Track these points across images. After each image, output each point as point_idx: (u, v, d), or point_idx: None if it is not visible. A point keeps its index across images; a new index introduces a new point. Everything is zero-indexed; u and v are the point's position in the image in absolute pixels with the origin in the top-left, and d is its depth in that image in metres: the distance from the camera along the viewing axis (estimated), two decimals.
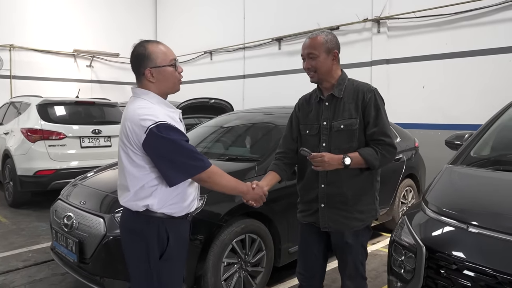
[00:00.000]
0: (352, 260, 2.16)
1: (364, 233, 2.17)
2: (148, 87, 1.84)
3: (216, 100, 7.44)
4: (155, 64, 1.81)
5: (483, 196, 2.24)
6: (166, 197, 1.80)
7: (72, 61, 11.38)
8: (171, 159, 1.73)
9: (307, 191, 2.22)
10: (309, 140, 2.19)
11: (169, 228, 1.82)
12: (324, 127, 2.13)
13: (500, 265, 1.71)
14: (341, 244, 2.16)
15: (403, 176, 4.83)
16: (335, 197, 2.11)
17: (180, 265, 1.93)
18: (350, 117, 2.07)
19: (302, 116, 2.27)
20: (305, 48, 2.12)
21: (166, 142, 1.71)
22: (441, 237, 2.01)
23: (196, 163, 1.77)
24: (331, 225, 2.14)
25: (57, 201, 3.31)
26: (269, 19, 9.51)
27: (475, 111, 6.11)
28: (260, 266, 3.14)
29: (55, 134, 5.80)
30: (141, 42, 1.88)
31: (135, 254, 1.86)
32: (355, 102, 2.09)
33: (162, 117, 1.73)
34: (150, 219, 1.80)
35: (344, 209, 2.11)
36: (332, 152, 2.06)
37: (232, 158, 3.56)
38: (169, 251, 1.82)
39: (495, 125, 2.84)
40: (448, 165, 2.62)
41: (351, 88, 2.14)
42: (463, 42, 6.37)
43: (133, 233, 1.85)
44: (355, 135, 2.07)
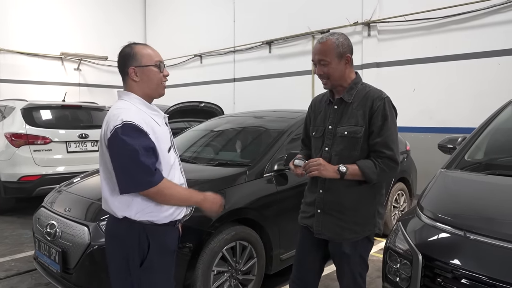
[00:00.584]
0: (350, 270, 2.06)
1: (363, 244, 2.06)
2: (131, 87, 1.82)
3: (206, 103, 7.36)
4: (140, 63, 1.80)
5: (479, 202, 2.20)
6: (144, 205, 1.75)
7: (59, 64, 11.21)
8: (123, 166, 1.68)
9: (309, 194, 2.17)
10: (314, 142, 2.15)
11: (150, 236, 1.77)
12: (329, 130, 2.06)
13: (498, 273, 1.66)
14: (338, 253, 2.08)
15: (394, 180, 4.79)
16: (332, 205, 2.04)
17: (164, 277, 1.84)
18: (356, 124, 1.98)
19: (313, 118, 2.21)
20: (316, 53, 2.01)
21: (123, 147, 1.65)
22: (438, 244, 1.96)
23: (144, 179, 1.67)
24: (324, 232, 2.07)
25: (40, 209, 3.19)
26: (260, 22, 9.48)
27: (465, 114, 6.13)
28: (251, 274, 3.06)
29: (40, 138, 5.65)
30: (129, 44, 1.88)
31: (116, 260, 1.82)
32: (363, 109, 1.98)
33: (131, 118, 1.68)
34: (131, 225, 1.76)
35: (340, 218, 2.02)
36: (333, 158, 2.01)
37: (222, 163, 3.48)
38: (150, 258, 1.76)
39: (489, 129, 2.81)
40: (443, 170, 2.58)
41: (362, 94, 2.03)
42: (452, 46, 6.40)
43: (115, 239, 1.82)
44: (358, 144, 1.97)
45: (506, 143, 2.83)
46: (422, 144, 6.25)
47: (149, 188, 1.69)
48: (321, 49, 1.99)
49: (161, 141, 1.77)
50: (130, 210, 1.74)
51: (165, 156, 1.79)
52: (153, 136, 1.73)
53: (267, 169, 3.24)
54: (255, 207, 3.04)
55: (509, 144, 2.82)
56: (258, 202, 3.06)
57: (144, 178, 1.68)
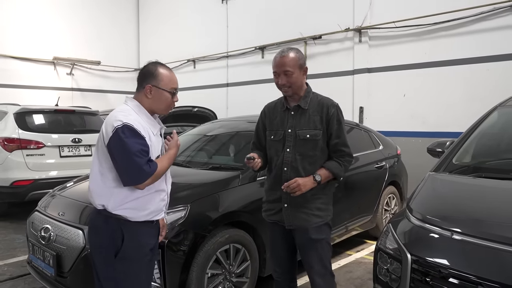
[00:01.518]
0: (319, 256, 2.31)
1: (325, 229, 2.34)
2: (142, 100, 1.99)
3: (200, 108, 7.42)
4: (158, 84, 1.97)
5: (467, 203, 2.26)
6: (122, 200, 1.89)
7: (52, 68, 11.16)
8: (124, 162, 1.83)
9: (272, 192, 2.39)
10: (273, 145, 2.37)
11: (125, 230, 1.91)
12: (289, 134, 2.30)
13: (485, 272, 1.71)
14: (305, 240, 2.31)
15: (386, 184, 4.87)
16: (297, 198, 2.26)
17: (140, 269, 1.96)
18: (315, 128, 2.27)
19: (268, 123, 2.44)
20: (281, 65, 2.25)
21: (123, 144, 1.80)
22: (426, 244, 2.01)
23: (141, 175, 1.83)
24: (295, 222, 2.31)
25: (34, 213, 3.20)
26: (253, 28, 9.55)
27: (455, 119, 6.23)
28: (244, 277, 3.09)
29: (33, 143, 5.64)
30: (155, 62, 2.05)
31: (94, 250, 2.00)
32: (319, 115, 2.28)
33: (131, 121, 1.85)
34: (108, 218, 1.91)
35: (305, 206, 2.29)
36: (297, 157, 2.27)
37: (216, 167, 3.51)
38: (124, 250, 1.90)
39: (476, 133, 2.89)
40: (431, 173, 2.64)
41: (315, 101, 2.33)
42: (442, 52, 6.51)
43: (93, 229, 2.00)
44: (318, 144, 2.27)
45: (492, 147, 2.91)
46: (413, 148, 6.34)
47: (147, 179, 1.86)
48: (285, 61, 2.24)
49: (152, 148, 1.93)
50: (108, 201, 1.89)
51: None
52: (149, 142, 1.90)
53: (260, 172, 3.29)
54: (249, 210, 3.08)
55: (496, 148, 2.90)
56: (251, 205, 3.10)
57: (143, 171, 1.83)
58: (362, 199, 4.49)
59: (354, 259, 4.33)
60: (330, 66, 7.95)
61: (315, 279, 2.34)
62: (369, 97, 7.46)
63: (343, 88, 7.66)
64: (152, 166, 1.87)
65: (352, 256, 4.42)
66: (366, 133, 5.05)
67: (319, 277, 2.32)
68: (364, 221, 4.54)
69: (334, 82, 7.81)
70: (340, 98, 8.00)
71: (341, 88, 7.68)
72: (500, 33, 5.96)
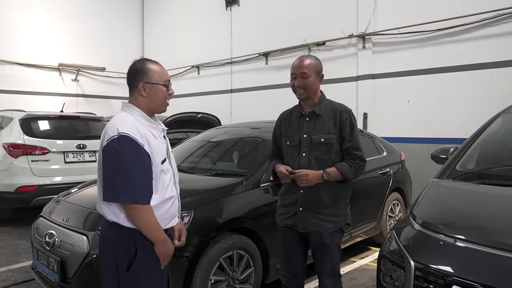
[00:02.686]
0: (330, 259, 2.38)
1: (338, 234, 2.42)
2: (137, 100, 1.91)
3: (204, 114, 7.44)
4: (150, 80, 1.90)
5: (470, 210, 2.26)
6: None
7: (57, 75, 11.26)
8: (112, 174, 1.76)
9: (287, 196, 2.44)
10: (289, 150, 2.44)
11: (138, 242, 1.83)
12: (304, 139, 2.38)
13: (488, 280, 1.70)
14: (320, 244, 2.37)
15: (390, 190, 4.85)
16: (313, 202, 2.34)
17: (153, 283, 1.89)
18: (329, 132, 2.35)
19: (284, 130, 2.51)
20: (299, 67, 2.36)
21: (116, 156, 1.73)
22: (429, 251, 2.00)
23: (127, 192, 1.74)
24: (308, 226, 2.36)
25: (39, 218, 3.22)
26: (256, 35, 9.60)
27: (460, 125, 6.21)
28: (248, 283, 3.09)
29: (38, 149, 5.68)
30: (141, 59, 1.97)
31: (106, 262, 1.88)
32: (333, 120, 2.37)
33: (128, 130, 1.76)
34: (121, 229, 1.82)
35: (321, 212, 2.34)
36: (312, 162, 2.34)
37: (219, 173, 3.52)
38: (136, 263, 1.82)
39: (480, 139, 2.88)
40: (435, 179, 2.64)
41: (329, 107, 2.41)
42: (446, 58, 6.51)
43: (106, 242, 1.90)
44: (333, 148, 2.35)
45: (496, 153, 2.90)
46: (417, 155, 6.32)
47: (129, 203, 1.75)
48: (304, 64, 2.36)
49: (155, 153, 1.84)
50: (118, 217, 1.81)
51: (158, 166, 1.85)
52: (148, 148, 1.81)
53: (264, 179, 3.30)
54: (252, 217, 3.08)
55: (499, 154, 2.89)
56: (255, 211, 3.11)
57: (127, 191, 1.74)
58: (366, 206, 4.48)
59: (358, 266, 4.31)
60: (334, 72, 7.96)
61: (324, 280, 2.42)
62: (373, 103, 7.47)
63: (347, 94, 7.66)
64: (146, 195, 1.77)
65: (356, 263, 4.40)
66: (370, 139, 5.05)
67: (328, 278, 2.41)
68: (368, 227, 4.53)
69: (338, 88, 7.81)
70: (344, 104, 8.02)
71: (345, 94, 7.67)
72: (504, 39, 5.96)
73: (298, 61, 2.39)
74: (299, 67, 2.36)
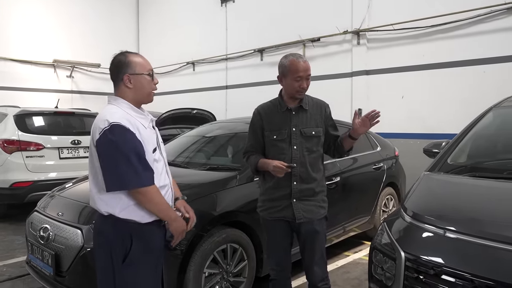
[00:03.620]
0: (320, 247, 2.48)
1: (324, 222, 2.53)
2: (124, 92, 1.93)
3: (199, 110, 7.43)
4: (134, 71, 1.92)
5: (460, 202, 2.29)
6: (127, 204, 1.84)
7: (52, 71, 11.22)
8: (111, 165, 1.78)
9: (279, 189, 2.45)
10: (277, 144, 2.46)
11: (133, 234, 1.86)
12: (294, 132, 2.44)
13: (477, 269, 1.74)
14: (311, 231, 2.44)
15: (383, 185, 4.89)
16: (307, 192, 2.43)
17: (148, 275, 1.91)
18: (317, 126, 2.48)
19: (266, 124, 2.52)
20: (306, 70, 2.40)
21: (113, 146, 1.76)
22: (419, 242, 2.04)
23: (132, 178, 1.77)
24: (304, 215, 2.42)
25: (33, 213, 3.22)
26: (252, 31, 9.60)
27: (453, 120, 6.25)
28: (242, 276, 3.11)
29: (32, 145, 5.67)
30: (122, 52, 2.01)
31: (101, 256, 1.90)
32: (319, 114, 2.50)
33: (118, 119, 1.79)
34: (116, 223, 1.85)
35: (314, 199, 2.46)
36: (304, 153, 2.42)
37: (214, 167, 3.54)
38: (131, 256, 1.85)
39: (470, 134, 2.91)
40: (426, 172, 2.67)
41: (312, 102, 2.53)
42: (439, 54, 6.54)
43: (101, 235, 1.91)
44: (320, 140, 2.50)
45: (487, 147, 2.94)
46: (411, 150, 6.34)
47: (137, 188, 1.79)
48: (308, 67, 2.42)
49: (146, 142, 1.87)
50: (114, 208, 1.83)
51: (150, 156, 1.88)
52: (139, 136, 1.84)
53: None
54: (246, 210, 3.10)
55: (490, 148, 2.93)
56: (248, 205, 3.12)
57: (132, 177, 1.77)
58: (359, 200, 4.52)
59: (352, 259, 4.35)
60: (329, 68, 7.99)
61: (314, 269, 2.46)
62: (368, 99, 7.49)
63: (341, 90, 7.70)
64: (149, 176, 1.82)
65: (350, 257, 4.44)
66: (364, 134, 5.07)
67: (318, 267, 2.47)
68: (361, 222, 4.57)
69: (333, 84, 7.85)
70: (339, 100, 8.07)
71: (339, 90, 7.72)
72: (497, 35, 6.00)
73: (303, 62, 2.38)
74: (306, 69, 2.39)
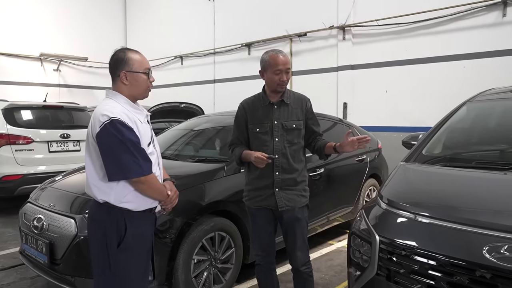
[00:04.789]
0: (301, 233, 2.61)
1: (306, 209, 2.67)
2: (120, 88, 2.03)
3: (187, 104, 7.50)
4: (131, 68, 2.01)
5: (432, 190, 2.45)
6: (122, 193, 1.94)
7: (39, 64, 11.15)
8: (113, 156, 1.88)
9: (262, 180, 2.58)
10: (259, 136, 2.60)
11: (127, 220, 1.97)
12: (275, 125, 2.57)
13: (444, 250, 1.89)
14: (293, 219, 2.58)
15: (366, 176, 5.07)
16: (288, 181, 2.56)
17: (140, 260, 2.03)
18: (298, 119, 2.60)
19: (249, 117, 2.66)
20: (286, 63, 2.53)
21: (114, 139, 1.85)
22: (393, 227, 2.19)
23: (134, 168, 1.89)
24: (287, 203, 2.55)
25: (26, 204, 3.31)
26: (239, 25, 9.68)
27: (434, 114, 6.41)
28: (229, 263, 3.26)
29: (21, 138, 5.71)
30: (122, 48, 2.08)
31: (96, 242, 2.00)
32: (300, 108, 2.62)
33: (118, 115, 1.89)
34: (111, 210, 1.96)
35: (295, 189, 2.59)
36: (286, 145, 2.55)
37: (202, 159, 3.67)
38: (126, 241, 1.95)
39: (445, 127, 3.09)
40: (402, 163, 2.83)
41: (293, 97, 2.65)
42: (421, 50, 6.74)
43: (96, 222, 2.01)
44: (301, 133, 2.62)
45: (460, 139, 3.12)
46: (394, 143, 6.49)
47: (137, 177, 1.91)
48: (288, 60, 2.56)
49: (142, 136, 1.98)
50: (109, 196, 1.94)
51: (145, 149, 1.99)
52: (137, 131, 1.95)
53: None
54: (233, 200, 3.24)
55: (463, 140, 3.11)
56: (236, 195, 3.25)
57: (134, 167, 1.89)
58: (343, 191, 4.69)
59: (335, 248, 4.53)
60: (315, 63, 8.14)
61: (296, 254, 2.60)
62: (353, 93, 7.67)
63: (327, 84, 7.86)
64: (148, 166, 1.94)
65: (334, 245, 4.62)
66: (348, 127, 5.24)
67: (300, 252, 2.61)
68: (345, 212, 4.74)
69: (319, 79, 8.01)
70: (325, 94, 8.21)
71: (325, 84, 7.89)
72: (476, 31, 6.21)
73: (283, 57, 2.52)
74: (286, 63, 2.52)
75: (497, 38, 6.03)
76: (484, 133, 3.12)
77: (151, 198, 2.03)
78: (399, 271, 1.99)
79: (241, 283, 3.51)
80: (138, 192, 1.97)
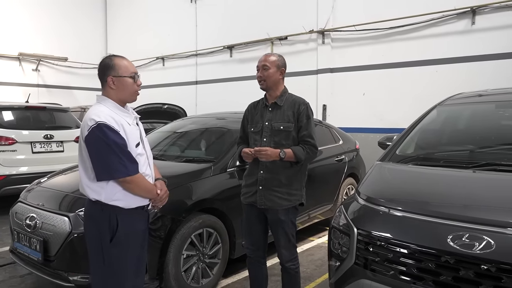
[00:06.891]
0: (285, 233, 2.70)
1: (292, 211, 2.73)
2: (109, 93, 2.16)
3: (170, 105, 7.61)
4: (117, 73, 2.14)
5: (405, 186, 2.68)
6: (111, 192, 2.06)
7: (17, 64, 11.00)
8: (100, 158, 2.00)
9: (250, 177, 2.77)
10: (253, 136, 2.79)
11: (119, 217, 2.09)
12: (266, 126, 2.73)
13: (415, 239, 2.11)
14: (275, 220, 2.69)
15: (345, 175, 5.30)
16: (271, 181, 2.66)
17: (132, 254, 2.16)
18: (288, 121, 2.69)
19: (250, 118, 2.85)
20: (261, 61, 2.71)
21: (100, 142, 1.98)
22: (369, 220, 2.40)
23: (119, 169, 2.01)
24: (266, 203, 2.66)
25: (17, 203, 3.38)
26: (221, 28, 9.83)
27: (409, 116, 6.68)
28: (216, 258, 3.41)
29: (3, 139, 5.70)
30: (109, 55, 2.23)
31: (92, 238, 2.13)
32: (292, 110, 2.70)
33: (104, 118, 2.01)
34: (103, 207, 2.08)
35: (277, 190, 2.66)
36: (272, 146, 2.64)
37: (189, 159, 3.81)
38: (118, 236, 2.08)
39: (416, 129, 3.33)
40: (378, 162, 3.06)
41: (290, 100, 2.75)
42: (397, 54, 7.07)
43: (90, 219, 2.14)
44: (290, 135, 2.69)
45: (430, 140, 3.37)
46: (371, 143, 6.80)
47: (124, 177, 2.04)
48: (266, 58, 2.72)
49: (130, 137, 2.09)
50: (100, 195, 2.06)
51: (133, 150, 2.12)
52: (123, 133, 2.07)
53: (230, 164, 3.63)
54: (220, 198, 3.41)
55: (433, 141, 3.36)
56: (222, 194, 3.43)
57: (119, 168, 2.01)
58: (323, 190, 4.90)
59: (316, 244, 4.75)
60: (295, 66, 8.35)
61: (282, 251, 2.74)
62: (332, 96, 7.94)
63: (307, 87, 8.10)
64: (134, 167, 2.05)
65: (314, 241, 4.83)
66: (327, 129, 5.48)
67: (285, 249, 2.73)
68: (325, 209, 4.96)
69: (299, 81, 8.23)
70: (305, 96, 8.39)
71: (305, 87, 8.12)
72: (448, 38, 6.57)
73: (263, 56, 2.74)
74: (262, 61, 2.71)
75: (467, 44, 6.39)
76: (454, 134, 3.38)
77: (140, 196, 2.16)
78: (375, 259, 2.20)
79: (228, 277, 3.67)
80: (127, 191, 2.10)
